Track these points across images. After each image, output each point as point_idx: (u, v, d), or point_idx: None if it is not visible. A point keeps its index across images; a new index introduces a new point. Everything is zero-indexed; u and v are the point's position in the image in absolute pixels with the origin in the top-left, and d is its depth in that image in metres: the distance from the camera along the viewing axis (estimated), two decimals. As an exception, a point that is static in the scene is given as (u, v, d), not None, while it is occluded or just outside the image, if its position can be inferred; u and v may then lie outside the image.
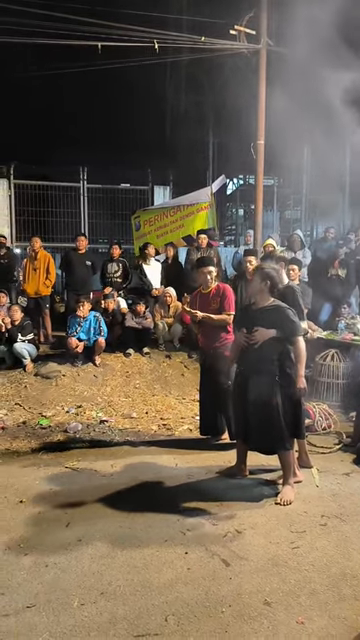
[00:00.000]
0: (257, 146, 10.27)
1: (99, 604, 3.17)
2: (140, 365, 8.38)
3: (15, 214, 12.82)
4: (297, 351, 4.49)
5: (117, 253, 9.94)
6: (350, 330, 7.86)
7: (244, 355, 4.65)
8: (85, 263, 9.69)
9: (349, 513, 4.29)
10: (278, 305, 4.54)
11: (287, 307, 4.54)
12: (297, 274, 7.30)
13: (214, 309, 5.64)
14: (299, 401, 4.60)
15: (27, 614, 3.09)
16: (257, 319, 4.57)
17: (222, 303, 5.65)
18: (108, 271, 9.82)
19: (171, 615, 3.07)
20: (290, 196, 16.09)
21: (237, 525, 4.08)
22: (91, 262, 9.82)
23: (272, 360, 4.45)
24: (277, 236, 11.34)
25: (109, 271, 9.81)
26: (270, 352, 4.44)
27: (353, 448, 5.69)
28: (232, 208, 17.22)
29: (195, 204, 10.89)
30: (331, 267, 9.56)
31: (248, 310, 4.76)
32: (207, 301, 5.73)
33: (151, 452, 5.73)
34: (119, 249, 10.04)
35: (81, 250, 9.74)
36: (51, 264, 9.40)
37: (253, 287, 4.68)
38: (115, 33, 8.90)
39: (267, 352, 4.45)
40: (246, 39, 9.74)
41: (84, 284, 9.67)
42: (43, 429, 6.46)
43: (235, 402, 4.85)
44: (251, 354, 4.55)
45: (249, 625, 2.99)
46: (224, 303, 5.65)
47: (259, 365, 4.46)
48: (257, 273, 4.67)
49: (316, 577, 3.43)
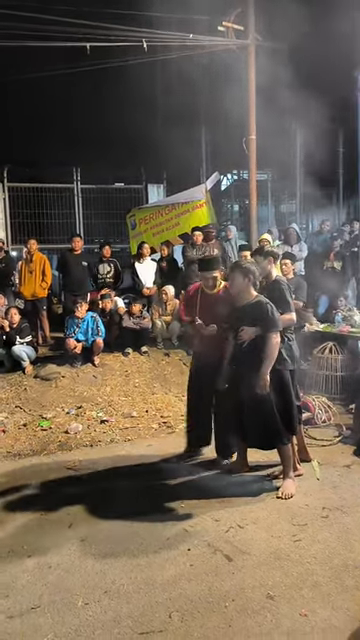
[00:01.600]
0: (249, 141, 10.26)
1: (103, 603, 3.19)
2: (139, 364, 8.39)
3: (10, 217, 12.81)
4: (267, 348, 4.39)
5: (108, 253, 9.94)
6: (347, 322, 7.86)
7: (235, 353, 4.65)
8: (81, 264, 9.69)
9: (350, 505, 4.31)
10: (258, 301, 4.50)
11: (266, 302, 4.47)
12: (290, 268, 7.33)
13: (221, 313, 4.98)
14: (289, 398, 4.60)
15: (32, 615, 3.12)
16: (242, 317, 4.56)
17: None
18: (100, 272, 9.82)
19: (175, 611, 3.09)
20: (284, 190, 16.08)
21: (239, 520, 4.10)
22: (87, 263, 9.83)
23: (261, 357, 4.44)
24: (276, 230, 11.32)
25: (101, 272, 9.81)
26: (259, 349, 4.42)
27: (353, 440, 5.71)
28: (227, 204, 17.23)
29: (190, 202, 10.88)
30: (326, 260, 9.59)
31: (235, 309, 4.72)
32: (212, 303, 5.11)
33: (152, 451, 5.75)
34: (110, 249, 10.04)
35: (77, 251, 9.74)
36: (47, 266, 9.40)
37: (236, 285, 4.59)
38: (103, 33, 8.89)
39: (256, 349, 4.43)
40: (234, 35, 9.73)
41: (81, 285, 9.67)
42: (44, 431, 6.47)
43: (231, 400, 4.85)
44: (241, 352, 4.55)
45: (253, 619, 3.01)
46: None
47: (249, 362, 4.45)
48: (237, 271, 4.57)
49: (318, 569, 3.45)
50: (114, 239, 12.84)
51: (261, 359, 4.39)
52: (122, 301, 9.28)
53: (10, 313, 8.10)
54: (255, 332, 4.45)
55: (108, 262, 9.87)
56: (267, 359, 4.39)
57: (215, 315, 5.01)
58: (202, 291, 5.27)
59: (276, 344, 4.41)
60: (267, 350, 4.39)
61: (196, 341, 5.35)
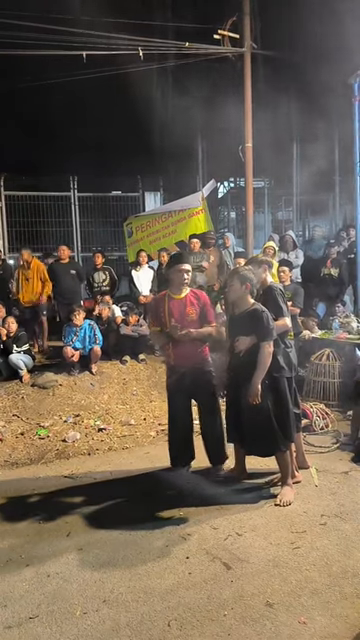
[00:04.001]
0: (245, 149, 10.31)
1: (102, 612, 3.18)
2: (137, 372, 8.38)
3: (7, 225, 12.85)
4: (259, 357, 4.38)
5: (100, 261, 9.94)
6: (344, 329, 7.87)
7: (232, 361, 4.65)
8: (70, 272, 9.70)
9: (349, 511, 4.30)
10: (255, 309, 4.48)
11: (262, 310, 4.46)
12: (288, 275, 7.35)
13: (192, 320, 4.90)
14: (286, 405, 4.59)
15: (30, 625, 3.10)
16: (239, 325, 4.56)
17: (205, 313, 4.96)
18: (95, 280, 9.83)
19: (173, 620, 3.08)
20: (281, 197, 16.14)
21: (237, 528, 4.09)
22: (75, 270, 9.84)
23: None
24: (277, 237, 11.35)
25: (96, 280, 9.82)
26: (256, 357, 4.42)
27: (351, 446, 5.70)
28: (224, 211, 17.26)
29: (187, 209, 10.92)
30: (324, 266, 9.61)
31: (233, 318, 4.73)
32: (181, 309, 4.93)
33: (150, 459, 5.74)
34: (102, 257, 10.04)
35: (64, 260, 9.74)
36: (45, 273, 9.40)
37: (233, 291, 4.59)
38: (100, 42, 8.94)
39: (253, 357, 4.42)
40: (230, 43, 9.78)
41: (74, 293, 9.69)
42: (41, 439, 6.45)
43: (228, 408, 4.85)
44: (238, 360, 4.55)
45: (251, 627, 3.00)
46: (207, 313, 4.97)
47: (247, 370, 4.44)
48: (235, 277, 4.57)
49: (317, 577, 3.44)
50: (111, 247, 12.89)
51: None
52: (119, 309, 9.28)
53: (7, 322, 8.09)
54: (251, 341, 4.45)
55: (103, 270, 9.88)
56: (259, 369, 4.38)
57: (184, 323, 4.86)
58: (169, 296, 5.03)
59: (269, 354, 4.40)
60: (259, 359, 4.38)
61: (168, 351, 5.04)
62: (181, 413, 5.14)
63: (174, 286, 5.02)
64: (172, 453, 5.24)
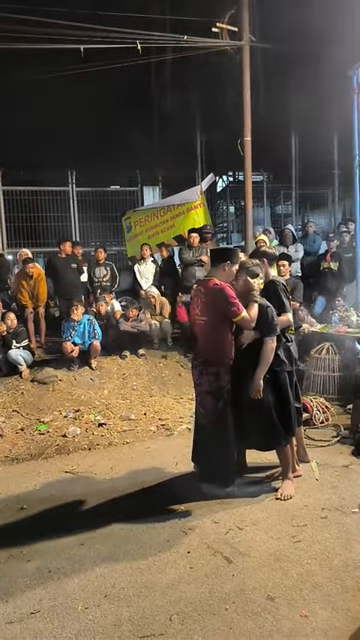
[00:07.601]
0: (244, 143, 10.26)
1: (103, 607, 3.18)
2: (136, 367, 8.38)
3: (5, 221, 12.81)
4: (262, 352, 4.39)
5: (102, 257, 9.93)
6: (344, 323, 7.86)
7: (236, 356, 4.64)
8: (70, 266, 9.68)
9: (349, 505, 4.30)
10: (260, 304, 4.47)
11: (267, 306, 4.46)
12: (288, 269, 7.34)
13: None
14: (287, 399, 4.58)
15: (32, 620, 3.10)
16: None
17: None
18: (97, 275, 9.82)
19: (175, 614, 3.08)
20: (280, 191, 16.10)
21: (238, 522, 4.09)
22: (76, 264, 9.82)
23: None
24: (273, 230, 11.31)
25: (98, 275, 9.82)
26: (259, 352, 4.42)
27: (351, 440, 5.70)
28: (222, 205, 17.23)
29: (185, 203, 10.88)
30: (323, 260, 9.60)
31: None
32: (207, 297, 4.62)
33: (151, 453, 5.74)
34: (104, 252, 10.03)
35: (63, 255, 9.73)
36: (42, 283, 9.36)
37: (240, 286, 4.57)
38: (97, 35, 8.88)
39: (256, 352, 4.42)
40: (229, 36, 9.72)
41: (74, 287, 9.66)
42: (41, 435, 6.45)
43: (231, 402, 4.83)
44: (241, 355, 4.55)
45: (253, 621, 3.00)
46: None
47: (249, 365, 4.44)
48: (242, 272, 4.57)
49: (318, 570, 3.44)
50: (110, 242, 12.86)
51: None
52: (119, 304, 9.27)
53: (8, 317, 8.08)
54: (254, 336, 4.44)
55: (104, 265, 9.87)
56: (261, 364, 4.39)
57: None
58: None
59: (271, 349, 4.41)
60: (262, 354, 4.39)
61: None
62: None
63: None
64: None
